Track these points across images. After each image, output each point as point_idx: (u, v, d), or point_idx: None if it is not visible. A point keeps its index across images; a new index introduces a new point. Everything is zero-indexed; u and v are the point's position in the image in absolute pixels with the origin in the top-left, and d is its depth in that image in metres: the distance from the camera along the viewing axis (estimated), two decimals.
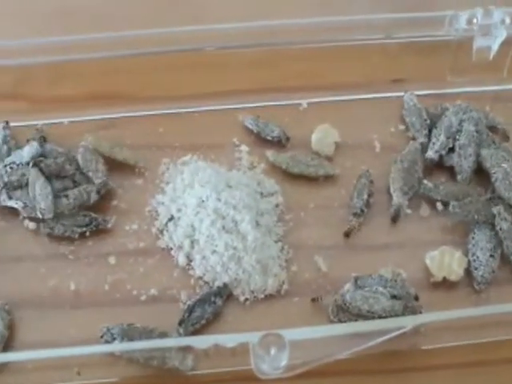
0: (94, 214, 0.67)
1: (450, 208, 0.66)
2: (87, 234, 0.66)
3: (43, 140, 0.69)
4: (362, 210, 0.67)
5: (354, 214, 0.67)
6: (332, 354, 0.59)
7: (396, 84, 0.73)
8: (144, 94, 0.72)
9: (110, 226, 0.67)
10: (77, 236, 0.66)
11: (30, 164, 0.67)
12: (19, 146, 0.69)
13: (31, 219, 0.67)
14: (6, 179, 0.67)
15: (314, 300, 0.64)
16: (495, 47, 0.72)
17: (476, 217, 0.66)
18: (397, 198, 0.68)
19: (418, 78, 0.73)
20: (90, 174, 0.68)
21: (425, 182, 0.68)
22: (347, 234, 0.67)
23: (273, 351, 0.57)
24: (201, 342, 0.59)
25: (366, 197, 0.68)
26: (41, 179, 0.66)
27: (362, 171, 0.69)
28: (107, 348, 0.61)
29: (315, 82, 0.73)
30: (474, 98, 0.73)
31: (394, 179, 0.68)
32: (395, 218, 0.67)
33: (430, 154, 0.70)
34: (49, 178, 0.67)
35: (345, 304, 0.63)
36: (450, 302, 0.64)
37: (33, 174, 0.67)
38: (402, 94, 0.73)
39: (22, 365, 0.60)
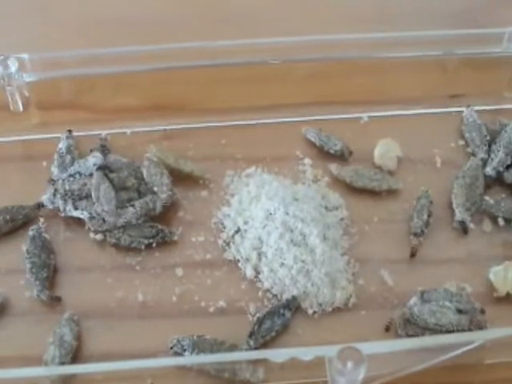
0: (160, 226, 0.67)
1: None
2: (153, 245, 0.66)
3: (107, 150, 0.70)
4: (422, 231, 0.68)
5: (415, 234, 0.68)
6: (406, 368, 0.60)
7: (454, 99, 0.74)
8: (206, 106, 0.73)
9: (176, 237, 0.67)
10: (143, 247, 0.66)
11: (95, 168, 0.67)
12: (82, 156, 0.69)
13: (97, 231, 0.67)
14: (68, 188, 0.67)
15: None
16: None
17: None
18: (460, 213, 0.68)
19: (476, 93, 0.74)
20: (155, 188, 0.68)
21: (486, 198, 0.69)
22: (413, 255, 0.67)
23: (350, 365, 0.59)
24: (277, 355, 0.59)
25: (425, 217, 0.68)
26: (106, 182, 0.67)
27: (422, 192, 0.69)
28: (180, 361, 0.61)
29: (375, 96, 0.73)
30: None
31: (456, 195, 0.69)
32: (465, 231, 0.67)
33: (488, 170, 0.70)
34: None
35: (412, 317, 0.63)
36: None
37: (97, 176, 0.67)
38: (460, 109, 0.73)
39: (91, 376, 0.61)
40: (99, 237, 0.67)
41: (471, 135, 0.72)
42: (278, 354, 0.60)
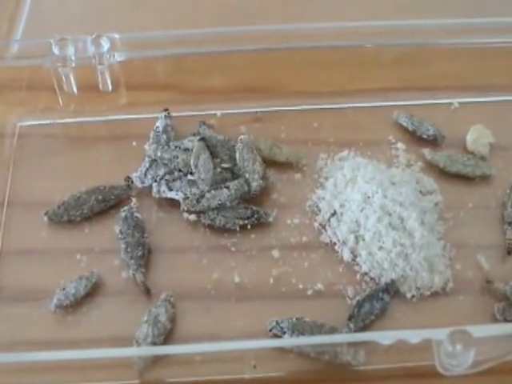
0: (255, 207, 0.66)
1: None
2: (248, 226, 0.66)
3: (206, 126, 0.69)
4: None
5: (510, 224, 0.67)
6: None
7: None
8: (297, 89, 0.72)
9: (271, 219, 0.66)
10: (238, 228, 0.66)
11: (197, 138, 0.67)
12: (178, 137, 0.69)
13: (190, 211, 0.66)
14: (162, 165, 0.66)
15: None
16: None
17: None
18: None
19: None
20: (247, 175, 0.67)
21: None
22: (509, 252, 0.66)
23: (459, 348, 0.58)
24: (384, 337, 0.59)
25: None
26: (206, 153, 0.66)
27: None
28: (280, 343, 0.60)
29: (465, 82, 0.73)
30: None
31: None
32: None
33: None
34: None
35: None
36: None
37: (199, 146, 0.67)
38: None
39: (190, 357, 0.60)
40: (193, 217, 0.66)
41: None
42: (385, 337, 0.59)
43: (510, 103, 0.73)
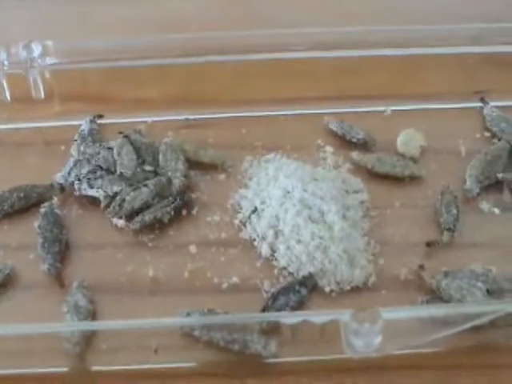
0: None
1: None
2: (166, 221, 0.64)
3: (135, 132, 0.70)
4: (455, 226, 0.64)
5: (448, 230, 0.64)
6: (426, 336, 0.57)
7: (478, 96, 0.72)
8: (228, 98, 0.71)
9: (194, 211, 0.65)
10: (166, 220, 0.64)
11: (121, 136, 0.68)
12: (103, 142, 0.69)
13: (115, 215, 0.65)
14: (91, 160, 0.66)
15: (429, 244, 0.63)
16: None
17: None
18: (470, 183, 0.66)
19: (501, 89, 0.72)
20: (169, 173, 0.67)
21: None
22: (429, 245, 0.64)
23: (366, 325, 0.55)
24: (289, 317, 0.57)
25: (455, 212, 0.65)
26: (130, 147, 0.67)
27: (444, 187, 0.66)
28: (184, 322, 0.58)
29: (399, 91, 0.72)
30: None
31: (472, 166, 0.67)
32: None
33: None
34: None
35: (438, 289, 0.60)
36: None
37: (122, 141, 0.67)
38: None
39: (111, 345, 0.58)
40: (122, 223, 0.64)
41: (500, 126, 0.70)
42: (288, 316, 0.58)
43: (443, 111, 0.71)
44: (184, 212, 0.66)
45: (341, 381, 0.59)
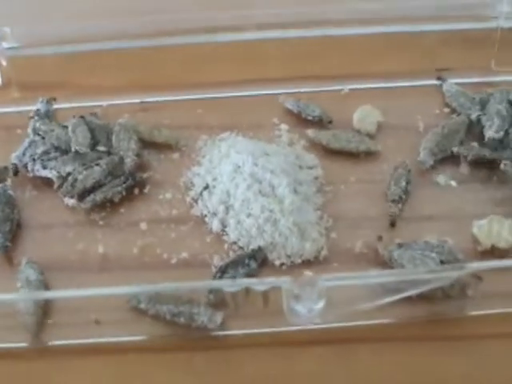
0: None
1: (502, 166, 0.64)
2: (117, 200, 0.64)
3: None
4: (401, 197, 0.64)
5: (393, 201, 0.64)
6: (368, 302, 0.55)
7: (441, 73, 0.70)
8: (184, 81, 0.70)
9: (146, 190, 0.65)
10: (117, 200, 0.64)
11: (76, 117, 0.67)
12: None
13: (67, 195, 0.64)
14: (45, 137, 0.66)
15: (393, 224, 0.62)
16: None
17: None
18: (423, 155, 0.65)
19: (463, 67, 0.71)
20: (121, 153, 0.66)
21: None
22: (392, 224, 0.63)
23: (307, 290, 0.54)
24: (231, 285, 0.56)
25: (404, 184, 0.64)
26: (84, 126, 0.66)
27: (400, 162, 0.65)
28: (125, 290, 0.57)
29: (358, 71, 0.71)
30: None
31: (427, 140, 0.67)
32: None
33: (490, 133, 0.66)
34: None
35: (390, 260, 0.59)
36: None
37: (77, 121, 0.67)
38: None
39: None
40: (73, 202, 0.64)
41: (459, 101, 0.69)
42: (230, 284, 0.56)
43: (403, 88, 0.70)
44: (136, 191, 0.65)
45: (288, 354, 0.58)
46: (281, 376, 0.57)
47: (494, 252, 0.61)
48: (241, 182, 0.63)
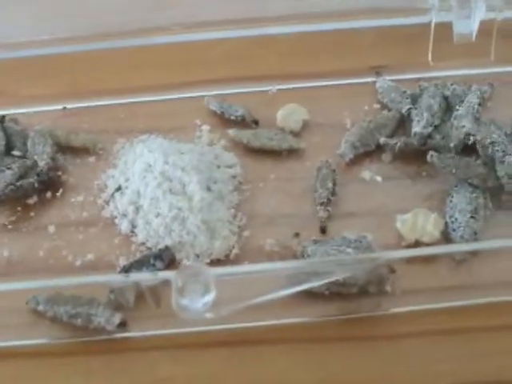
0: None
1: (428, 157, 0.60)
2: (31, 202, 0.62)
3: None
4: (329, 199, 0.61)
5: (321, 204, 0.60)
6: (264, 295, 0.52)
7: (374, 70, 0.67)
8: (108, 86, 0.68)
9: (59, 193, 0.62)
10: (33, 202, 0.61)
11: None
12: None
13: None
14: None
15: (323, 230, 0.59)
16: (475, 25, 0.67)
17: (454, 171, 0.59)
18: (343, 148, 0.63)
19: (400, 64, 0.67)
20: (36, 157, 0.64)
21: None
22: (323, 231, 0.59)
23: (191, 282, 0.50)
24: (120, 279, 0.53)
25: (330, 185, 0.61)
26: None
27: (322, 162, 0.63)
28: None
29: (290, 71, 0.68)
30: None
31: (350, 133, 0.64)
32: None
33: (417, 129, 0.63)
34: None
35: (303, 256, 0.57)
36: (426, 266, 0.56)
37: None
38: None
39: None
40: None
41: (390, 97, 0.66)
42: (119, 279, 0.54)
43: (330, 87, 0.67)
44: (49, 194, 0.63)
45: (190, 356, 0.54)
46: (182, 379, 0.54)
47: (417, 247, 0.57)
48: (151, 181, 0.60)
